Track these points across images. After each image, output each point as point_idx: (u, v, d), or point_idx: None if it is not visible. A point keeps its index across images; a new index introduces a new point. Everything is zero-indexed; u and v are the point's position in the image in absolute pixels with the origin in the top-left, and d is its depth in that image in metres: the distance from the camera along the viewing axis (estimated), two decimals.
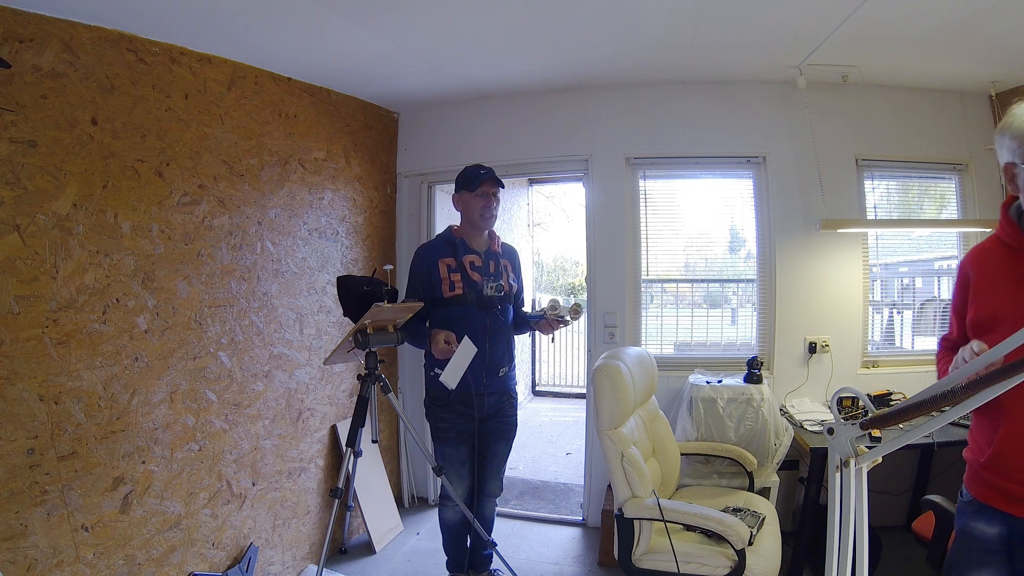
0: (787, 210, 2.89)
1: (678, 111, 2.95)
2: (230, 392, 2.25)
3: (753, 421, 2.52)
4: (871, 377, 2.88)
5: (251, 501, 2.33)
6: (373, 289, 2.05)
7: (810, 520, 2.34)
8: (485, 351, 2.18)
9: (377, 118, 3.19)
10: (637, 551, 1.96)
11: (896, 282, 3.18)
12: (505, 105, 3.13)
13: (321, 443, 2.74)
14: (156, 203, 1.97)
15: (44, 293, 1.65)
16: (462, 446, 2.27)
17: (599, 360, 2.18)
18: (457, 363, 2.06)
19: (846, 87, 2.77)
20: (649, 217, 3.07)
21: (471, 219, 2.26)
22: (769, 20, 2.14)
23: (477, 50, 2.47)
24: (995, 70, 2.58)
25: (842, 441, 1.17)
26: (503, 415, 2.33)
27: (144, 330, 1.93)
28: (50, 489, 1.65)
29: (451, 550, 2.46)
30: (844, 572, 1.15)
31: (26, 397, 1.61)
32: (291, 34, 2.13)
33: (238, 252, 2.29)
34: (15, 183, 1.59)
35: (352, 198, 2.98)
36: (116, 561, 1.81)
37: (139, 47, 1.93)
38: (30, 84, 1.62)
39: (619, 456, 1.99)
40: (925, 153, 2.91)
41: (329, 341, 2.76)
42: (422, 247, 2.32)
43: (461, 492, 2.26)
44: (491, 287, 2.20)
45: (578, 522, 3.19)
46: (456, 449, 2.26)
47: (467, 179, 2.25)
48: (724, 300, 3.26)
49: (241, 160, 2.31)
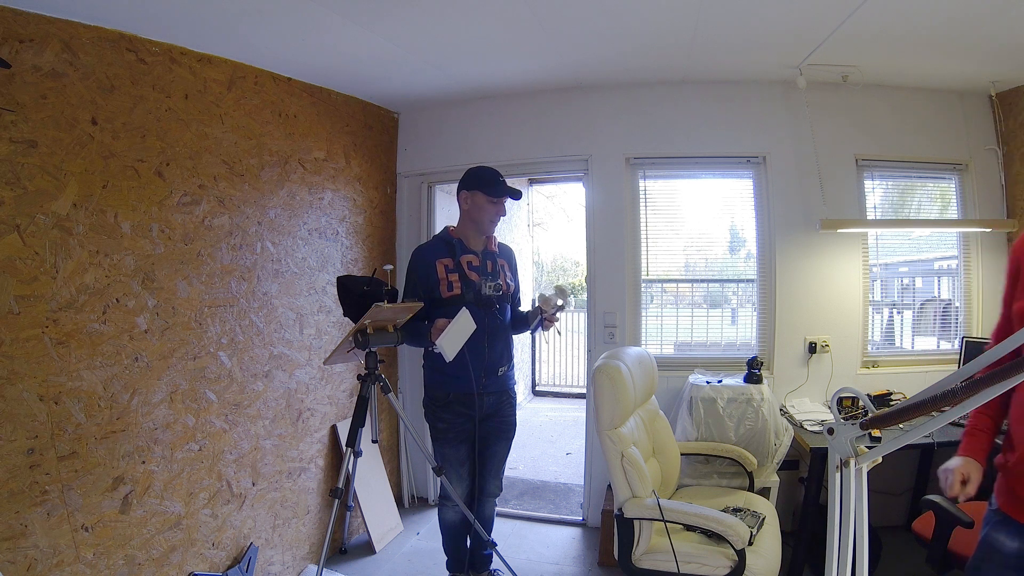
0: (787, 210, 2.89)
1: (678, 111, 2.95)
2: (230, 392, 2.25)
3: (753, 421, 2.52)
4: (871, 377, 2.88)
5: (251, 501, 2.33)
6: (373, 289, 2.05)
7: (810, 520, 2.34)
8: (484, 351, 2.18)
9: (377, 118, 3.19)
10: (637, 551, 1.96)
11: (896, 282, 3.18)
12: (505, 105, 3.13)
13: (321, 443, 2.74)
14: (156, 203, 1.97)
15: (44, 293, 1.65)
16: (461, 446, 2.27)
17: (599, 360, 2.18)
18: (455, 333, 2.00)
19: (846, 87, 2.77)
20: (649, 217, 3.07)
21: (478, 221, 2.23)
22: (769, 20, 2.14)
23: (477, 50, 2.47)
24: (995, 70, 2.58)
25: (842, 441, 1.16)
26: (502, 415, 2.33)
27: (144, 330, 1.93)
28: (50, 489, 1.65)
29: (451, 550, 2.46)
30: (844, 572, 1.15)
31: (26, 397, 1.61)
32: (291, 34, 2.13)
33: (238, 252, 2.29)
34: (15, 183, 1.59)
35: (352, 198, 2.98)
36: (116, 561, 1.81)
37: (139, 47, 1.93)
38: (30, 84, 1.62)
39: (619, 456, 1.99)
40: (925, 153, 2.91)
41: (329, 341, 2.76)
42: (420, 248, 2.31)
43: (461, 492, 2.26)
44: (489, 286, 2.20)
45: (578, 522, 3.19)
46: (455, 449, 2.26)
47: (485, 182, 2.19)
48: (724, 300, 3.26)
49: (241, 160, 2.31)
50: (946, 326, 3.06)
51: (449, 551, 2.47)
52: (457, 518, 2.35)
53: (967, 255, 2.96)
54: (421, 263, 2.22)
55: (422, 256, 2.24)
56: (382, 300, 1.97)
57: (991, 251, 2.89)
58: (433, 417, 2.28)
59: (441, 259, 2.20)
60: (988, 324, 2.88)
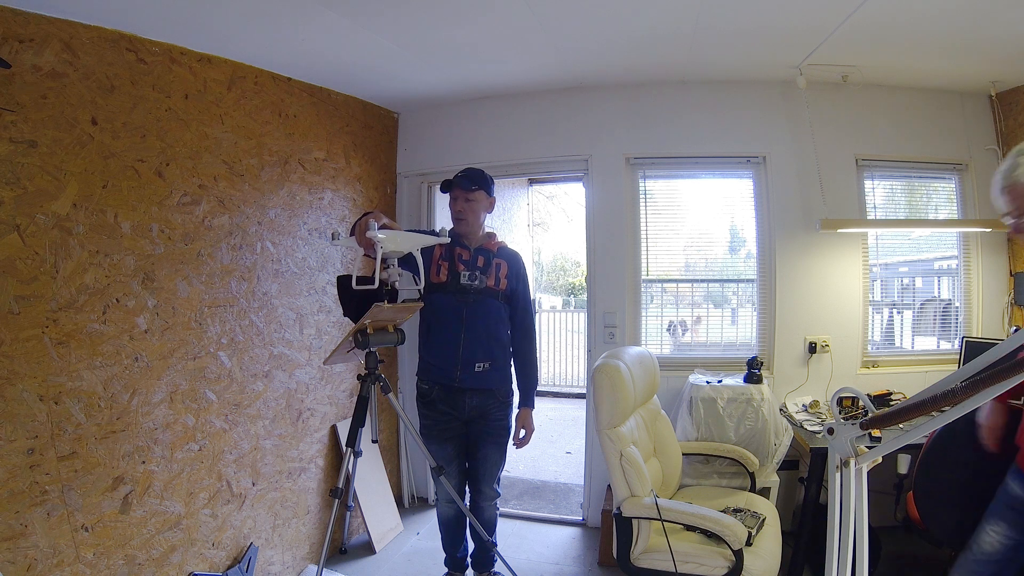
0: (787, 210, 2.89)
1: (678, 111, 2.95)
2: (230, 392, 2.25)
3: (753, 421, 2.52)
4: (871, 377, 2.88)
5: (251, 501, 2.33)
6: (362, 285, 2.04)
7: (810, 520, 2.33)
8: (460, 341, 2.21)
9: (377, 118, 3.19)
10: (636, 550, 1.96)
11: (896, 282, 3.18)
12: (505, 105, 3.13)
13: (321, 443, 2.74)
14: (156, 203, 1.97)
15: (44, 293, 1.65)
16: (447, 445, 2.29)
17: (599, 360, 2.18)
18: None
19: (846, 87, 2.77)
20: (649, 217, 3.07)
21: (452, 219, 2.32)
22: (769, 20, 2.14)
23: (477, 50, 2.47)
24: (995, 70, 2.58)
25: (842, 441, 1.17)
26: (491, 418, 2.30)
27: (144, 330, 1.93)
28: (50, 489, 1.65)
29: (446, 546, 2.48)
30: (844, 572, 1.15)
31: (26, 397, 1.61)
32: (291, 34, 2.13)
33: (238, 252, 2.29)
34: (15, 183, 1.59)
35: (352, 198, 2.98)
36: (116, 561, 1.81)
37: (139, 47, 1.93)
38: (30, 84, 1.62)
39: (618, 455, 2.00)
40: (925, 153, 2.91)
41: (329, 341, 2.76)
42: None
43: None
44: (465, 275, 2.22)
45: (578, 522, 3.19)
46: (440, 447, 2.28)
47: (443, 183, 2.31)
48: (724, 300, 3.26)
49: (241, 160, 2.31)
50: (946, 326, 3.06)
51: (445, 547, 2.49)
52: (451, 513, 2.37)
53: (967, 255, 2.96)
54: (431, 238, 2.19)
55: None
56: (382, 300, 1.97)
57: (991, 251, 2.89)
58: (419, 413, 2.34)
59: (442, 246, 2.24)
60: (988, 324, 2.88)
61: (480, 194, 2.26)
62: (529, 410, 2.36)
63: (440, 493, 2.36)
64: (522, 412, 2.36)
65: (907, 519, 2.01)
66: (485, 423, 2.30)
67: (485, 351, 2.25)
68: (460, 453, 2.34)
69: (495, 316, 2.27)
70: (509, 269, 2.31)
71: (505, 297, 2.29)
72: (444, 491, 2.24)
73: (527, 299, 2.38)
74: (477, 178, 2.25)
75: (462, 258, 2.26)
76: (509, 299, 2.30)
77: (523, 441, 2.36)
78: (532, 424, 2.37)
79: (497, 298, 2.27)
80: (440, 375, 2.26)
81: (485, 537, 2.34)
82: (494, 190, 2.33)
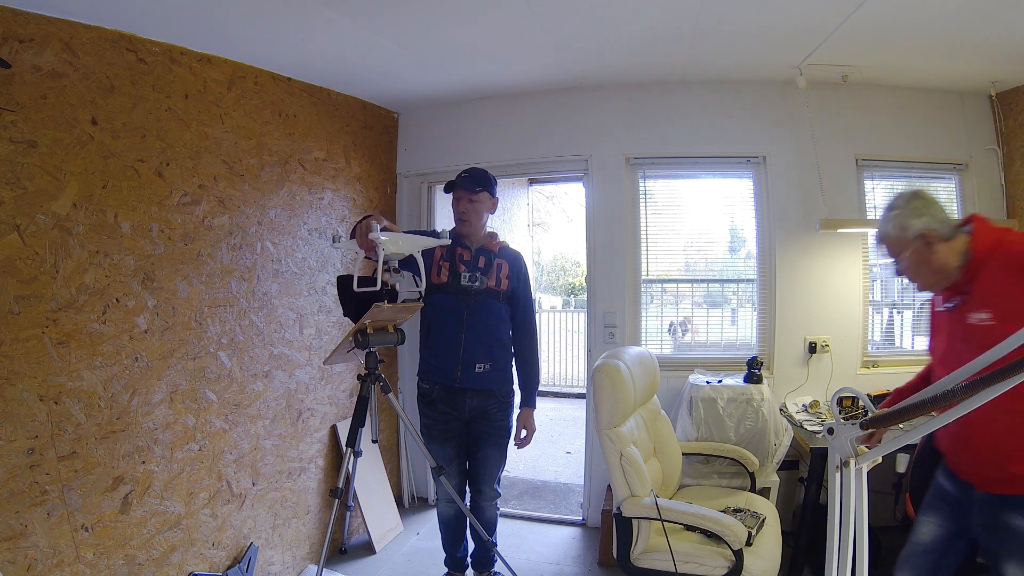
0: (787, 210, 2.89)
1: (678, 111, 2.95)
2: (230, 392, 2.25)
3: (753, 421, 2.52)
4: (871, 377, 2.88)
5: (251, 501, 2.33)
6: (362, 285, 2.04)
7: (810, 520, 2.34)
8: (460, 342, 2.21)
9: (377, 118, 3.19)
10: (636, 550, 1.96)
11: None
12: (505, 105, 3.13)
13: (321, 443, 2.74)
14: (156, 203, 1.97)
15: (44, 293, 1.65)
16: (447, 445, 2.29)
17: (599, 360, 2.18)
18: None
19: (846, 87, 2.77)
20: (649, 217, 3.07)
21: (454, 219, 2.32)
22: (769, 20, 2.14)
23: (477, 50, 2.47)
24: (995, 70, 2.58)
25: (842, 441, 1.17)
26: (491, 418, 2.30)
27: (144, 330, 1.93)
28: (50, 489, 1.65)
29: (447, 546, 2.48)
30: (844, 572, 1.15)
31: (26, 397, 1.61)
32: (291, 34, 2.13)
33: (238, 252, 2.29)
34: (15, 183, 1.59)
35: (352, 198, 2.98)
36: (116, 561, 1.81)
37: (139, 47, 1.93)
38: (30, 84, 1.62)
39: (618, 455, 2.00)
40: (925, 153, 2.91)
41: (329, 341, 2.76)
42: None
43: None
44: (466, 276, 2.22)
45: (578, 522, 3.19)
46: (440, 447, 2.28)
47: (448, 183, 2.31)
48: (724, 300, 3.26)
49: (241, 160, 2.31)
50: None
51: (444, 546, 2.49)
52: (451, 513, 2.38)
53: None
54: (432, 240, 2.19)
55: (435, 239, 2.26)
56: (382, 300, 1.97)
57: None
58: (419, 413, 2.35)
59: (443, 247, 2.24)
60: None
61: (484, 195, 2.27)
62: (531, 410, 2.36)
63: (440, 493, 2.36)
64: (523, 412, 2.36)
65: (906, 519, 2.01)
66: (486, 423, 2.30)
67: (486, 352, 2.25)
68: (460, 453, 2.34)
69: (496, 316, 2.27)
70: (510, 269, 2.31)
71: (506, 297, 2.29)
72: (444, 491, 2.24)
73: (528, 299, 2.37)
74: (481, 179, 2.25)
75: (463, 259, 2.26)
76: (510, 299, 2.30)
77: (524, 441, 2.36)
78: (533, 424, 2.37)
79: (498, 298, 2.27)
80: (440, 375, 2.26)
81: (485, 537, 2.34)
82: (497, 190, 2.33)
